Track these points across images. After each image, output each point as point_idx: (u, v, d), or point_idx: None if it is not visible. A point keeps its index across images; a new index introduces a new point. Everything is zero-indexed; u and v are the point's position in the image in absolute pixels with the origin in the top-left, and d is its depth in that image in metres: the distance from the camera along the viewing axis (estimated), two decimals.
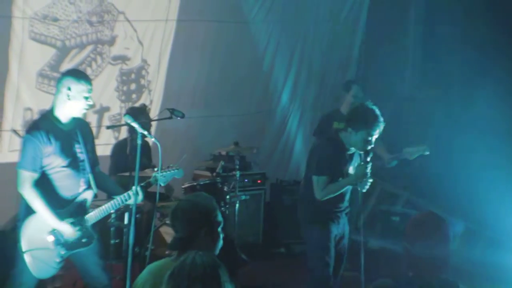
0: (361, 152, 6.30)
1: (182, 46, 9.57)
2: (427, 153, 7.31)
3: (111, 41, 9.00)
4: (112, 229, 7.21)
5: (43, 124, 5.54)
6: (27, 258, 5.47)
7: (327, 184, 6.28)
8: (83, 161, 5.67)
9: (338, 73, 11.08)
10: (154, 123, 8.19)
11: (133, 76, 9.32)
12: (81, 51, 8.73)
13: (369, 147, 6.21)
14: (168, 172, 6.06)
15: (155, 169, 6.03)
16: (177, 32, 9.48)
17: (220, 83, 10.04)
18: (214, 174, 8.09)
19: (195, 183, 7.65)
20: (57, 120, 5.58)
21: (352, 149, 6.35)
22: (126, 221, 6.65)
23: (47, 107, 8.01)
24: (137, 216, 5.81)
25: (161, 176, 5.95)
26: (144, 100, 9.32)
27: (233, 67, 10.07)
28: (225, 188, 8.10)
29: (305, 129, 10.98)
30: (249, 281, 7.78)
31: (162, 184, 6.13)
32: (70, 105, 5.54)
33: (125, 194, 5.73)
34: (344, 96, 8.27)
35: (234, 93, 10.22)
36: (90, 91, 5.58)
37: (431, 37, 10.95)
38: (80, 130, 5.71)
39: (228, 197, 8.08)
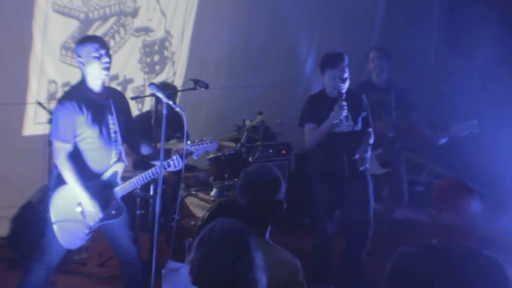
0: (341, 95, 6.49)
1: (205, 17, 9.55)
2: (478, 130, 7.07)
3: (134, 13, 8.98)
4: (137, 199, 7.25)
5: (75, 94, 5.52)
6: (56, 228, 5.50)
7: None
8: (115, 132, 5.65)
9: (361, 41, 10.99)
10: (178, 94, 8.18)
11: (156, 47, 9.31)
12: (104, 23, 8.74)
13: (341, 85, 6.47)
14: (201, 145, 6.02)
15: (188, 142, 5.98)
16: (200, 3, 9.46)
17: (244, 53, 10.01)
18: (239, 144, 8.07)
19: (219, 154, 7.65)
20: (88, 90, 5.55)
21: (333, 94, 6.58)
22: (151, 192, 6.66)
23: (71, 79, 8.11)
24: (163, 187, 5.78)
25: (194, 149, 5.93)
26: (167, 71, 9.33)
27: (257, 37, 10.02)
28: (250, 159, 8.09)
29: None
30: None
31: (195, 158, 6.10)
32: (89, 72, 5.51)
33: (165, 162, 5.70)
34: (369, 65, 8.22)
35: (258, 63, 10.18)
36: (98, 49, 5.48)
37: (456, 4, 10.85)
38: (113, 100, 5.68)
39: None
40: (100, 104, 5.58)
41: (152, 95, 5.79)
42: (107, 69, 5.54)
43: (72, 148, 5.48)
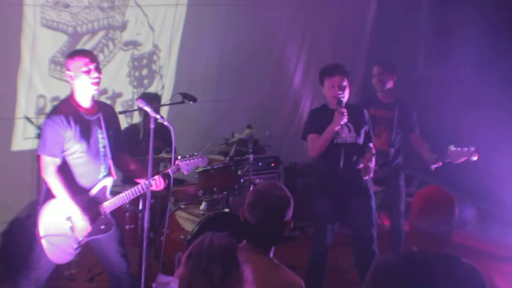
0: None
1: (193, 31, 9.57)
2: (475, 158, 6.92)
3: (123, 27, 9.00)
4: (127, 214, 7.24)
5: (63, 108, 5.51)
6: (44, 243, 5.49)
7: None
8: (104, 147, 5.65)
9: (349, 55, 11.02)
10: (166, 108, 8.19)
11: (144, 61, 9.32)
12: (93, 37, 8.74)
13: (340, 93, 6.46)
14: (192, 160, 6.02)
15: (179, 157, 5.99)
16: (187, 16, 9.48)
17: (232, 67, 10.01)
18: (228, 158, 8.07)
19: (208, 167, 7.64)
20: (77, 104, 5.55)
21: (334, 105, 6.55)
22: (140, 206, 6.66)
23: (60, 93, 8.10)
24: (152, 201, 5.78)
25: (184, 164, 5.93)
26: (156, 85, 9.34)
27: (245, 51, 10.03)
28: (239, 172, 8.09)
29: None
30: None
31: (185, 173, 6.10)
32: (78, 86, 5.50)
33: (146, 182, 5.68)
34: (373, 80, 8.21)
35: (246, 77, 10.19)
36: (88, 63, 5.47)
37: (444, 16, 10.88)
38: (103, 114, 5.67)
39: (241, 180, 8.07)
40: (89, 119, 5.57)
41: (140, 109, 5.78)
42: (96, 83, 5.53)
43: (61, 162, 5.47)
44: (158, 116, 5.45)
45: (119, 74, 9.08)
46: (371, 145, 6.74)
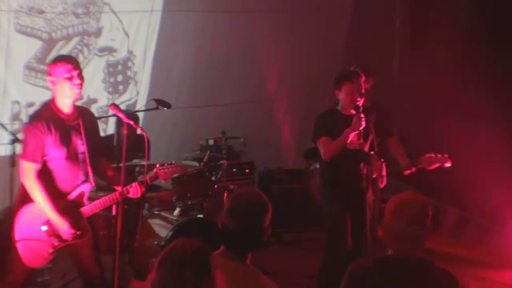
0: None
1: (168, 37, 9.58)
2: (448, 165, 6.91)
3: (97, 33, 9.00)
4: (99, 220, 7.22)
5: (44, 113, 5.50)
6: (19, 247, 5.48)
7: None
8: (83, 152, 5.64)
9: (324, 60, 11.07)
10: (140, 114, 8.19)
11: (119, 67, 9.32)
12: (68, 43, 8.74)
13: (358, 99, 6.43)
14: (170, 169, 6.02)
15: (157, 165, 5.99)
16: (162, 22, 9.49)
17: (207, 73, 10.03)
18: (202, 164, 8.08)
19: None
20: (58, 109, 5.53)
21: (347, 111, 6.52)
22: (114, 212, 6.65)
23: (35, 99, 8.09)
24: (125, 207, 5.78)
25: (162, 173, 5.92)
26: (130, 91, 9.34)
27: (219, 57, 10.06)
28: (213, 178, 8.11)
29: (292, 118, 11.01)
30: None
31: (163, 181, 6.11)
32: (59, 91, 5.49)
33: (124, 188, 5.70)
34: None
35: (221, 83, 10.21)
36: (71, 70, 5.47)
37: (419, 21, 10.96)
38: (83, 120, 5.65)
39: (216, 186, 8.09)
40: (69, 125, 5.57)
41: (113, 115, 5.79)
42: (78, 90, 5.54)
43: (40, 167, 5.47)
44: (131, 122, 5.46)
45: (94, 80, 9.07)
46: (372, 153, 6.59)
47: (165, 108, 7.11)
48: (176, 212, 7.42)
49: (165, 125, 9.49)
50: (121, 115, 5.51)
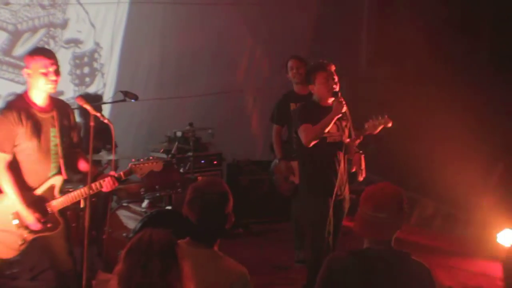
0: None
1: (135, 28, 9.55)
2: (390, 124, 6.96)
3: (64, 24, 8.94)
4: (68, 212, 7.19)
5: (17, 104, 5.49)
6: None
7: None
8: (56, 145, 5.61)
9: (291, 52, 11.09)
10: (107, 106, 8.17)
11: (86, 59, 9.27)
12: (34, 35, 8.68)
13: (334, 86, 6.46)
14: (146, 165, 6.00)
15: (133, 160, 5.96)
16: (129, 14, 9.45)
17: (175, 65, 10.01)
18: (169, 155, 8.08)
19: None
20: (31, 101, 5.51)
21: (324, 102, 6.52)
22: (82, 205, 6.63)
23: (0, 91, 8.03)
24: (93, 199, 5.77)
25: (137, 168, 5.88)
26: (97, 83, 9.29)
27: (187, 49, 10.04)
28: (181, 170, 8.10)
29: (260, 109, 11.01)
30: None
31: (139, 176, 6.10)
32: (34, 84, 5.47)
33: (98, 183, 5.68)
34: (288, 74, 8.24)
35: (188, 74, 10.19)
36: (48, 66, 5.45)
37: (385, 13, 11.02)
38: (57, 112, 5.63)
39: (184, 178, 8.09)
40: (42, 117, 5.54)
41: (79, 108, 5.77)
42: (53, 85, 5.52)
43: (11, 158, 5.44)
44: (98, 114, 5.45)
45: (60, 72, 8.99)
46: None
47: (133, 100, 7.10)
48: (144, 204, 7.42)
49: (132, 117, 9.46)
50: (88, 107, 5.49)
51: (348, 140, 6.56)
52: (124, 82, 9.27)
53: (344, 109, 6.38)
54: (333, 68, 6.56)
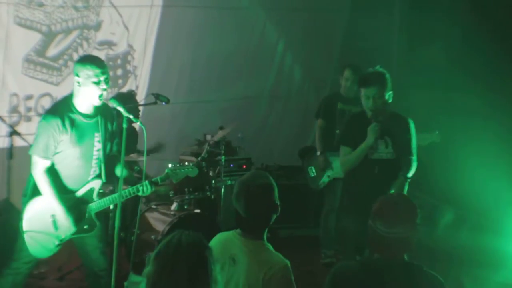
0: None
1: (168, 32, 9.57)
2: (439, 140, 6.82)
3: (97, 26, 8.98)
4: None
5: (61, 110, 5.51)
6: (26, 237, 5.56)
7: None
8: (98, 150, 5.66)
9: (322, 59, 11.09)
10: (140, 108, 8.20)
11: (119, 61, 9.31)
12: (67, 36, 8.71)
13: (371, 105, 6.18)
14: (182, 170, 6.02)
15: (170, 165, 5.99)
16: (162, 17, 9.47)
17: (206, 68, 10.04)
18: (199, 159, 8.09)
19: None
20: (76, 108, 5.53)
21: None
22: (112, 206, 6.67)
23: (33, 92, 8.09)
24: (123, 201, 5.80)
25: (173, 173, 5.95)
26: (130, 85, 9.33)
27: (219, 53, 10.07)
28: (211, 173, 8.12)
29: (290, 115, 11.02)
30: None
31: (174, 181, 6.14)
32: (83, 92, 5.48)
33: (134, 187, 5.75)
34: (341, 79, 8.30)
35: (220, 79, 10.22)
36: (98, 75, 5.43)
37: (416, 24, 10.95)
38: (102, 117, 5.67)
39: (213, 182, 8.10)
40: (87, 122, 5.57)
41: (113, 109, 5.79)
42: (102, 95, 5.53)
43: (50, 164, 5.49)
44: (131, 116, 5.47)
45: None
46: (410, 158, 6.30)
47: (164, 103, 7.12)
48: (173, 206, 7.44)
49: (163, 120, 9.48)
50: (121, 109, 5.51)
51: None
52: (155, 85, 9.31)
53: (375, 137, 6.13)
54: (381, 82, 6.23)
